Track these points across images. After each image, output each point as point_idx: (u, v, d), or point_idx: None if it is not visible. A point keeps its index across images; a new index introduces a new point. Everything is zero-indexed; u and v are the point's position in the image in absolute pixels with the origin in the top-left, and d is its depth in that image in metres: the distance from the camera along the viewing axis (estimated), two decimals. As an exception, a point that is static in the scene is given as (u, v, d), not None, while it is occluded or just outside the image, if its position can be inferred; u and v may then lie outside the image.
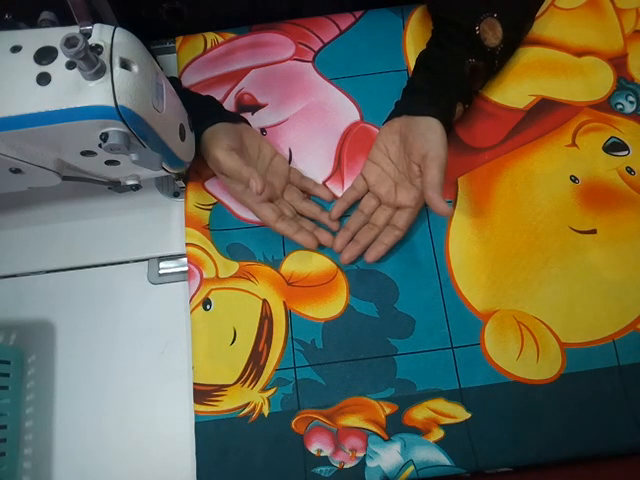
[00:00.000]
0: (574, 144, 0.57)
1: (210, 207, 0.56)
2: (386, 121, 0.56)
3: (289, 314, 0.53)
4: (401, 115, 0.54)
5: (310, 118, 0.59)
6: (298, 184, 0.56)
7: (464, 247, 0.54)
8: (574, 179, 0.56)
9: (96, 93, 0.36)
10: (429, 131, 0.50)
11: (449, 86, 0.53)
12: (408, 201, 0.52)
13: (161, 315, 0.54)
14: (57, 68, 0.37)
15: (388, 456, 0.48)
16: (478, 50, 0.53)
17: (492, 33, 0.52)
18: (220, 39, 0.62)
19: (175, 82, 0.56)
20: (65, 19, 0.37)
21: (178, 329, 0.53)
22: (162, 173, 0.49)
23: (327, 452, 0.49)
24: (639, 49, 0.60)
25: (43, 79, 0.36)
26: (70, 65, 0.36)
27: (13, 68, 0.37)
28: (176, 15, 0.60)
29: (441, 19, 0.56)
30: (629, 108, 0.58)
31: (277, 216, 0.52)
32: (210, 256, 0.54)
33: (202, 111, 0.53)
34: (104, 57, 0.36)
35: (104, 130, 0.38)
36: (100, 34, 0.37)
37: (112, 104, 0.36)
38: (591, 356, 0.50)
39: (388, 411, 0.50)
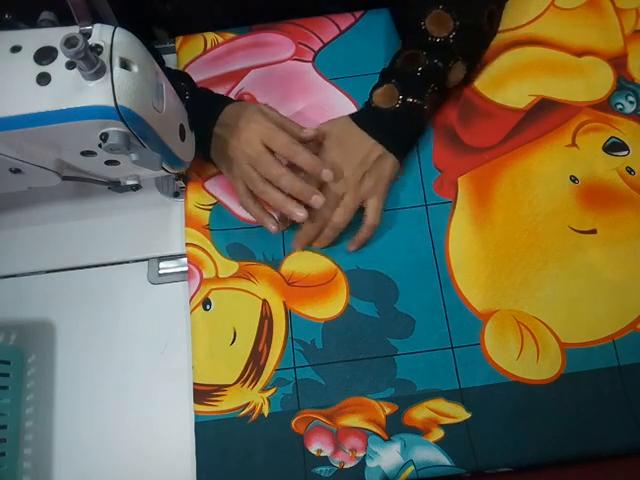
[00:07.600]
0: (574, 144, 0.57)
1: (210, 207, 0.56)
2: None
3: (289, 314, 0.53)
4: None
5: (310, 118, 0.59)
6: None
7: (464, 247, 0.54)
8: (574, 179, 0.55)
9: (96, 93, 0.36)
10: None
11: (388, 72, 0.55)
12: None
13: (161, 315, 0.54)
14: (57, 68, 0.37)
15: (388, 456, 0.48)
16: (422, 43, 0.53)
17: (439, 26, 0.53)
18: (220, 39, 0.62)
19: (184, 77, 0.56)
20: (65, 19, 0.37)
21: (178, 329, 0.53)
22: (162, 173, 0.49)
23: (327, 452, 0.49)
24: (639, 49, 0.60)
25: (43, 79, 0.36)
26: (70, 65, 0.36)
27: (13, 68, 0.37)
28: None
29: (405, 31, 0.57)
30: (629, 108, 0.58)
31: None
32: (210, 256, 0.54)
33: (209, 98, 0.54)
34: (104, 57, 0.36)
35: (104, 130, 0.38)
36: (100, 34, 0.37)
37: (112, 104, 0.36)
38: (591, 356, 0.50)
39: (388, 411, 0.49)
